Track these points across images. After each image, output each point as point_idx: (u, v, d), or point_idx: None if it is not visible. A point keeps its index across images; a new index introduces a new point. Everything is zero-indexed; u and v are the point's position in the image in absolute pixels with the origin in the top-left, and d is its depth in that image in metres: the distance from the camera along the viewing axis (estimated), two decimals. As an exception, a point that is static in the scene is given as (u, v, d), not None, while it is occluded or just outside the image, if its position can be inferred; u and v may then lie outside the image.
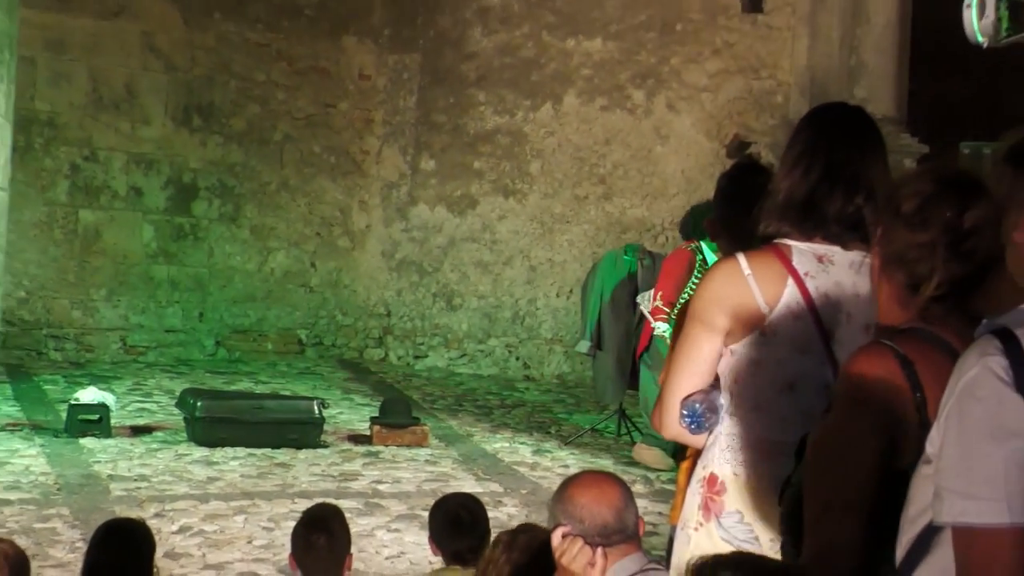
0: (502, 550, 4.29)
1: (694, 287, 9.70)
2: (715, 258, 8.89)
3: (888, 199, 2.80)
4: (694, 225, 9.25)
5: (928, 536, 2.12)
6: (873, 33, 12.36)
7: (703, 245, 9.51)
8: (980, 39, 10.09)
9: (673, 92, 12.61)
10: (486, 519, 5.18)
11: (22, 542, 5.58)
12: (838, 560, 2.37)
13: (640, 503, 4.19)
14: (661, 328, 9.22)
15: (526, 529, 4.50)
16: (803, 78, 12.24)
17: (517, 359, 13.10)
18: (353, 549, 5.12)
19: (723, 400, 3.40)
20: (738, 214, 3.72)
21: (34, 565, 5.23)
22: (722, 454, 3.36)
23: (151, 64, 12.90)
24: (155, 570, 5.21)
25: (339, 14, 13.68)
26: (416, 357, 13.40)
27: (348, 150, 13.80)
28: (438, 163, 13.47)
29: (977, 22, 9.82)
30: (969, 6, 9.81)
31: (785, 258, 3.30)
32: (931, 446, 2.09)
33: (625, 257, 10.48)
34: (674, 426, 3.40)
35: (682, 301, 7.68)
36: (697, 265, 9.51)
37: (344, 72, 13.82)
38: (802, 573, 2.34)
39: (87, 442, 9.14)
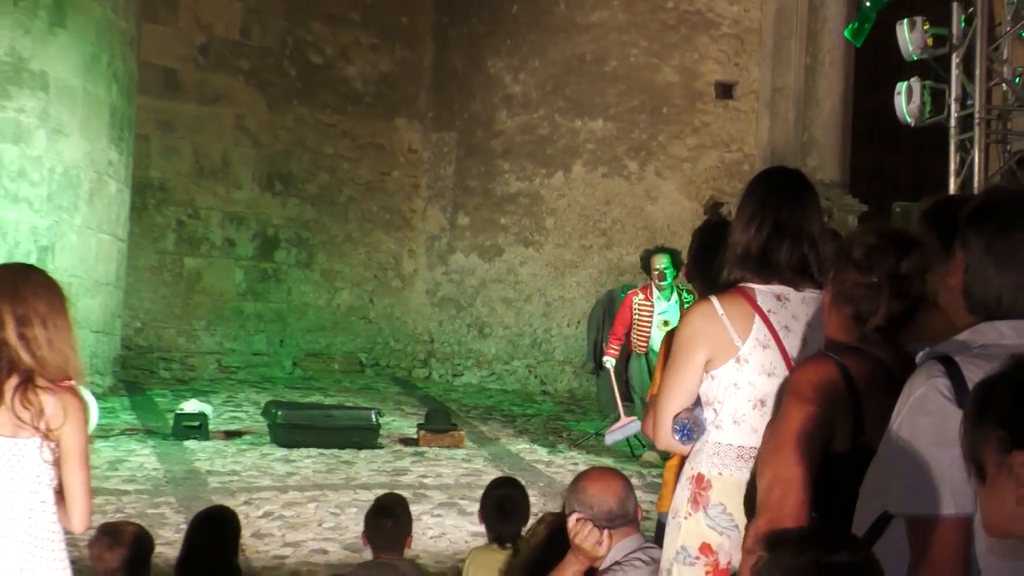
0: (544, 528, 4.66)
1: (638, 319, 9.88)
2: (640, 295, 10.33)
3: (840, 249, 3.00)
4: (644, 265, 9.88)
5: (882, 521, 2.20)
6: (822, 115, 12.70)
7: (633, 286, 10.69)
8: (908, 119, 11.22)
9: (660, 162, 13.02)
10: (527, 508, 5.38)
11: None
12: (795, 520, 2.45)
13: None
14: (607, 361, 9.96)
15: (549, 516, 4.78)
16: (765, 151, 12.48)
17: (535, 377, 13.43)
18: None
19: (707, 415, 3.48)
20: (708, 261, 3.74)
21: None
22: (709, 459, 3.43)
23: (241, 141, 13.43)
24: (242, 547, 5.78)
25: (392, 101, 14.29)
26: (454, 375, 13.76)
27: (399, 209, 14.34)
28: (472, 219, 13.95)
29: (905, 106, 11.73)
30: (899, 93, 10.91)
31: (751, 299, 3.40)
32: (884, 447, 2.21)
33: (622, 295, 10.73)
34: (667, 438, 3.51)
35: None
36: (634, 305, 10.38)
37: (396, 147, 14.31)
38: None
39: (190, 444, 9.52)
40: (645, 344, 9.76)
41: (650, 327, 9.86)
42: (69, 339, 3.50)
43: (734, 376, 3.37)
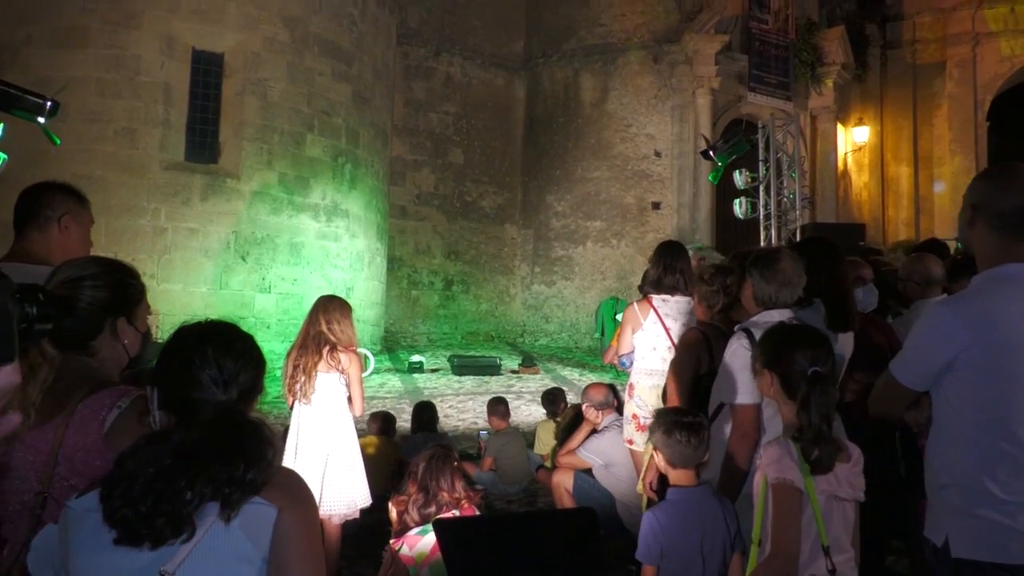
0: (571, 410, 5.01)
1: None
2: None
3: (698, 274, 3.22)
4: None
5: (719, 409, 2.40)
6: (701, 215, 13.14)
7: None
8: (740, 216, 11.75)
9: (627, 240, 13.47)
10: (563, 398, 5.85)
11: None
12: (680, 405, 2.68)
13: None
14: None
15: (574, 405, 5.05)
16: (675, 232, 12.77)
17: (573, 340, 13.60)
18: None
19: (633, 355, 3.66)
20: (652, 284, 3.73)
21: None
22: (633, 375, 3.65)
23: (435, 237, 14.10)
24: (439, 420, 6.10)
25: (503, 216, 14.80)
26: (535, 342, 14.00)
27: (508, 266, 14.71)
28: (540, 269, 14.34)
29: (739, 210, 11.46)
30: (736, 204, 11.37)
31: (651, 302, 3.60)
32: (720, 371, 2.26)
33: (611, 301, 11.40)
34: (614, 361, 3.77)
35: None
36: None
37: (506, 237, 14.81)
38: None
39: (415, 375, 10.12)
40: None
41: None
42: (351, 328, 3.74)
43: (642, 337, 3.60)
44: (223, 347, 1.36)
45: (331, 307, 3.75)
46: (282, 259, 10.01)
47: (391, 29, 12.44)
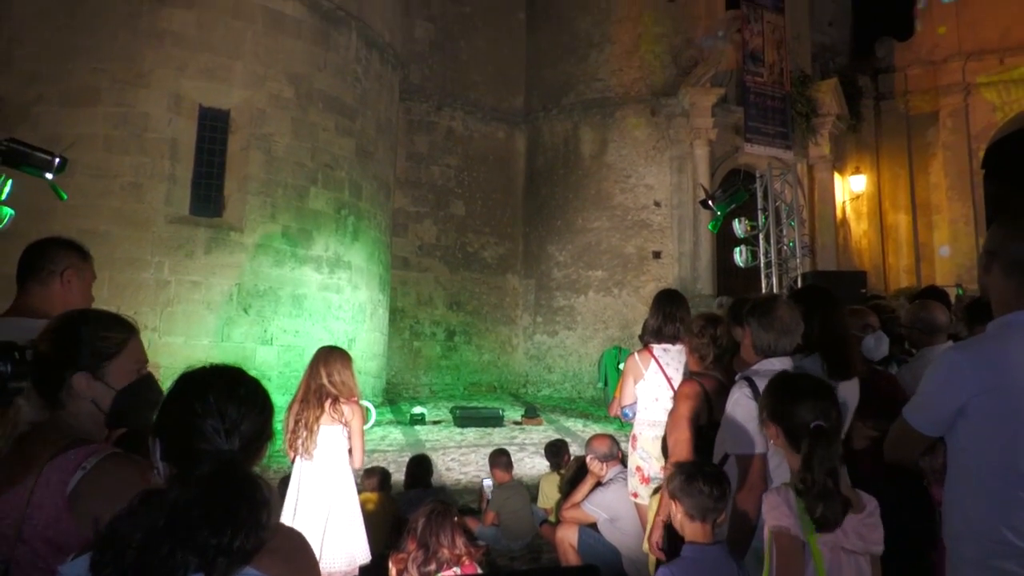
0: (575, 462, 4.84)
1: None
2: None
3: (688, 326, 3.18)
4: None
5: (724, 458, 2.33)
6: (702, 264, 13.07)
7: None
8: (741, 264, 11.62)
9: (628, 289, 13.37)
10: (567, 450, 5.61)
11: (391, 467, 6.20)
12: (683, 457, 2.61)
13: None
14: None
15: (578, 457, 4.95)
16: (676, 281, 12.72)
17: (576, 391, 13.50)
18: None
19: (635, 406, 3.61)
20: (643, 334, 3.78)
21: (392, 471, 5.71)
22: (636, 426, 3.57)
23: (437, 287, 14.13)
24: (436, 474, 5.96)
25: (505, 267, 14.81)
26: (538, 392, 13.92)
27: (510, 316, 14.69)
28: (543, 319, 14.28)
29: (740, 258, 11.44)
30: (736, 253, 11.34)
31: (651, 352, 3.58)
32: (723, 422, 2.22)
33: (613, 350, 11.48)
34: (618, 413, 3.71)
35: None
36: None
37: (508, 287, 14.79)
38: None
39: (417, 427, 9.88)
40: None
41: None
42: (352, 379, 3.72)
43: (644, 387, 3.55)
44: (226, 393, 1.32)
45: (332, 359, 3.72)
46: (284, 311, 9.99)
47: (394, 85, 12.63)
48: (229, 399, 1.31)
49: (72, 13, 9.51)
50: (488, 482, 5.48)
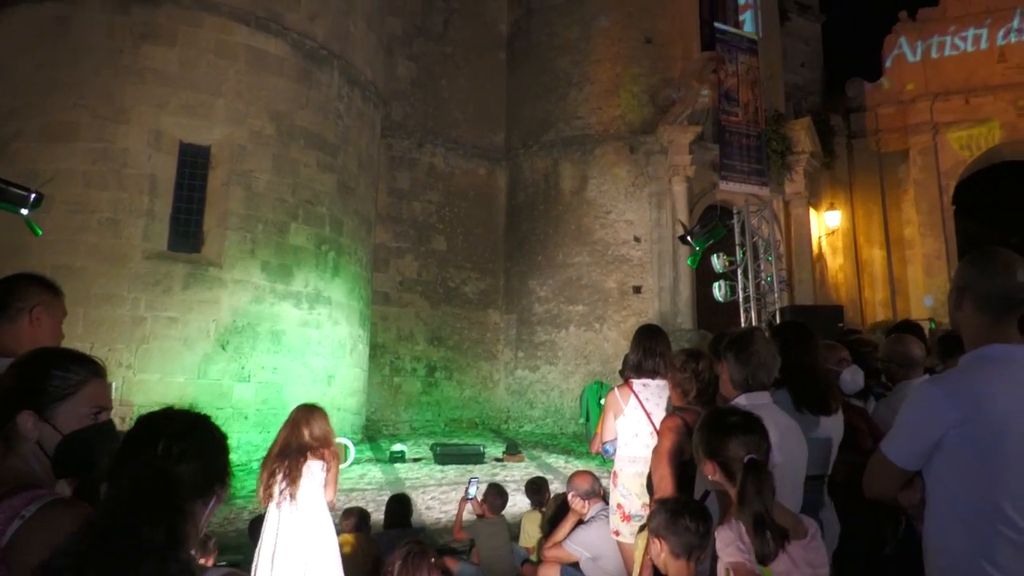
0: (556, 500, 4.76)
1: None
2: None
3: (670, 361, 3.22)
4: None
5: (705, 496, 2.35)
6: (682, 298, 13.06)
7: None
8: (720, 299, 12.20)
9: (609, 324, 13.37)
10: (548, 488, 5.62)
11: (371, 507, 6.37)
12: (667, 493, 2.63)
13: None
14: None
15: (559, 495, 4.77)
16: (657, 315, 12.77)
17: (557, 426, 13.38)
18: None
19: (616, 441, 3.63)
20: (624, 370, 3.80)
21: (372, 510, 5.79)
22: (617, 461, 3.59)
23: (418, 323, 13.98)
24: (417, 513, 5.98)
25: (486, 302, 14.72)
26: (520, 428, 13.76)
27: (491, 351, 14.59)
28: (524, 354, 14.20)
29: (718, 293, 12.00)
30: (715, 287, 11.74)
31: (631, 387, 3.58)
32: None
33: (595, 385, 11.51)
34: (598, 449, 3.71)
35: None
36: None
37: (489, 322, 14.69)
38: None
39: (396, 465, 9.82)
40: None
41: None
42: (329, 430, 3.93)
43: (624, 422, 3.57)
44: (178, 437, 1.30)
45: (312, 418, 3.85)
46: (263, 347, 9.86)
47: (376, 122, 12.66)
48: (182, 442, 1.29)
49: (53, 49, 9.52)
50: (475, 481, 5.43)
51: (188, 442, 1.31)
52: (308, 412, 3.86)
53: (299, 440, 3.73)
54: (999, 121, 16.88)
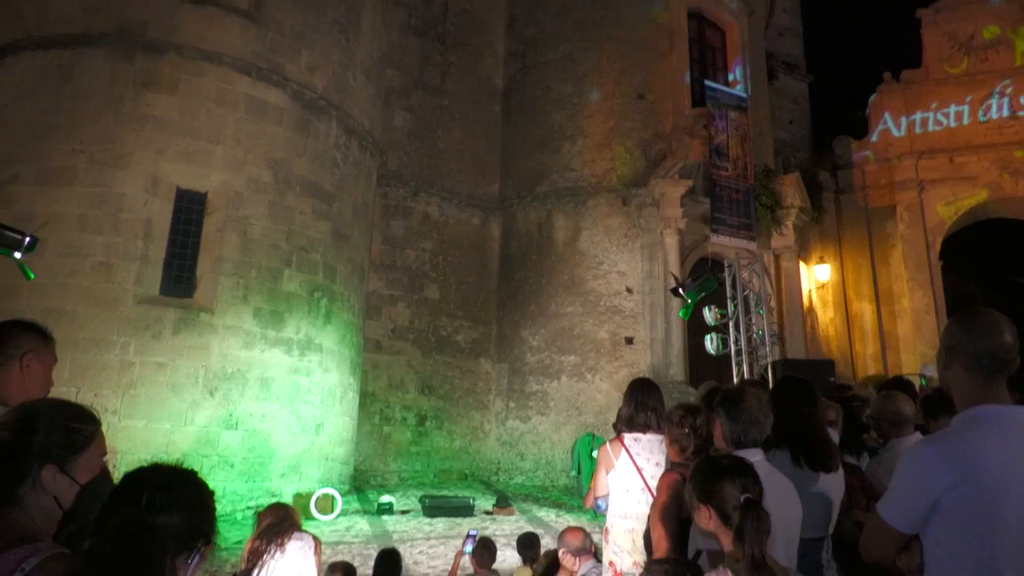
0: (547, 556, 4.77)
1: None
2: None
3: (667, 415, 3.18)
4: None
5: (697, 556, 2.34)
6: (674, 350, 12.99)
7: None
8: (712, 352, 12.07)
9: (601, 375, 13.27)
10: (539, 544, 5.63)
11: (357, 560, 6.39)
12: (664, 552, 2.62)
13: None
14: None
15: (550, 551, 4.79)
16: (649, 368, 12.79)
17: (548, 478, 13.24)
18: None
19: (608, 496, 3.58)
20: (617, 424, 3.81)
21: (358, 564, 5.84)
22: (609, 518, 3.55)
23: (409, 371, 13.87)
24: (404, 567, 5.72)
25: (478, 351, 14.69)
26: (510, 480, 13.65)
27: (482, 400, 14.48)
28: (516, 404, 14.07)
29: (710, 346, 12.14)
30: (707, 340, 11.84)
31: (623, 441, 3.55)
32: (694, 526, 2.14)
33: (587, 437, 11.44)
34: (591, 505, 3.72)
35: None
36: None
37: (480, 371, 14.62)
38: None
39: (384, 517, 9.74)
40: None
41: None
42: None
43: (615, 477, 3.54)
44: (163, 491, 1.32)
45: (272, 513, 3.88)
46: (251, 394, 9.71)
47: (372, 171, 12.74)
48: (167, 494, 1.32)
49: (55, 95, 9.64)
50: (474, 532, 5.39)
51: (173, 494, 1.33)
52: (293, 514, 3.86)
53: (285, 536, 3.70)
54: (983, 180, 17.27)
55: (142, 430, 8.74)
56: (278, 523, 3.68)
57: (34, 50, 9.76)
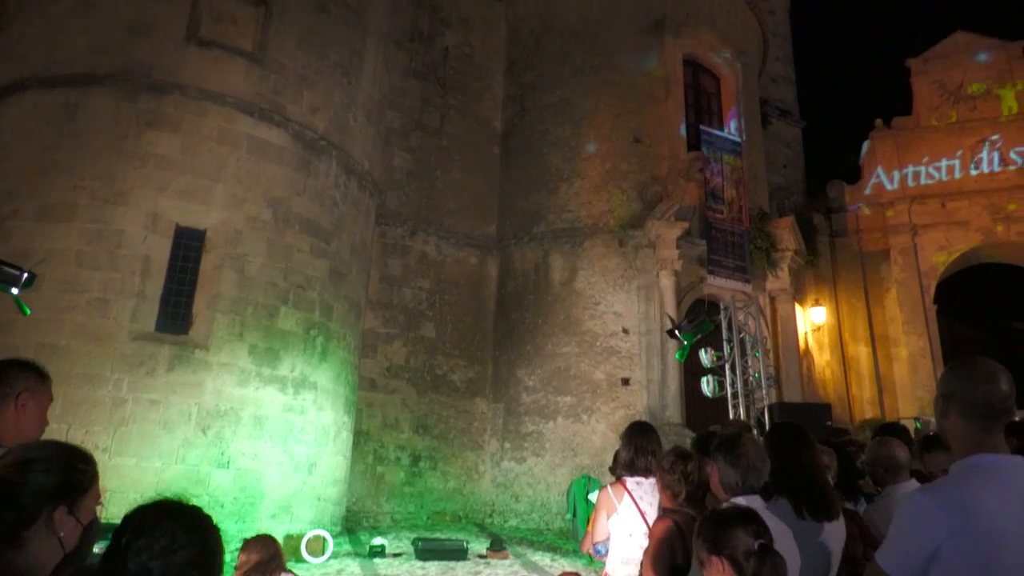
0: None
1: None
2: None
3: (659, 462, 3.19)
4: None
5: None
6: (670, 392, 12.97)
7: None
8: (708, 394, 11.93)
9: (597, 416, 13.27)
10: None
11: None
12: None
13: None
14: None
15: None
16: (645, 410, 12.78)
17: (544, 521, 13.19)
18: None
19: (609, 540, 3.55)
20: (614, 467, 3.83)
21: None
22: (609, 562, 3.52)
23: (404, 410, 13.88)
24: None
25: (474, 390, 14.69)
26: (504, 523, 13.56)
27: (477, 441, 14.45)
28: (511, 445, 14.00)
29: (707, 388, 11.79)
30: (703, 382, 11.67)
31: (624, 484, 3.56)
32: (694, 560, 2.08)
33: (582, 480, 11.18)
34: (589, 549, 3.64)
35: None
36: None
37: (476, 411, 14.60)
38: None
39: (376, 559, 9.70)
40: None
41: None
42: (283, 561, 3.85)
43: (617, 522, 3.52)
44: (167, 530, 1.33)
45: (255, 545, 3.85)
46: (244, 433, 9.62)
47: (371, 210, 12.86)
48: (169, 535, 1.32)
49: (59, 133, 9.74)
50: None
51: (192, 536, 1.34)
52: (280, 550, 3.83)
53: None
54: (975, 224, 17.47)
55: (132, 468, 8.66)
56: (267, 560, 3.62)
57: (40, 89, 9.92)
